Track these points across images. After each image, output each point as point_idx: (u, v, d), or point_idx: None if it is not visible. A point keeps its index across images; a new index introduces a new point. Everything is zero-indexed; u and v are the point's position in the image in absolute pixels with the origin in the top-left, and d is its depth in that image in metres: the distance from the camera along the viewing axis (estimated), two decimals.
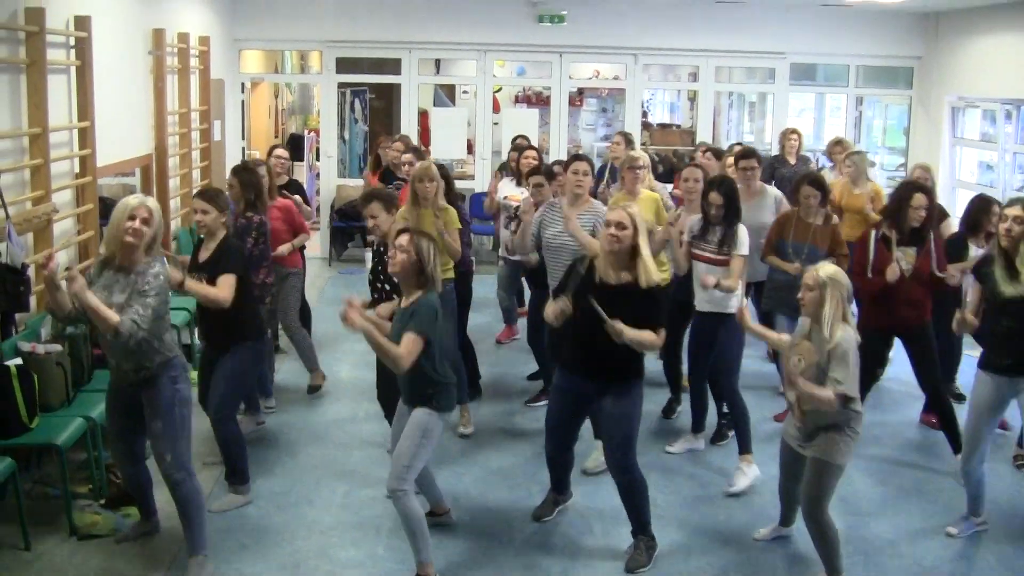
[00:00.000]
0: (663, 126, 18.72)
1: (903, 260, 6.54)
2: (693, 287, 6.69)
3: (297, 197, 8.23)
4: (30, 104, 6.66)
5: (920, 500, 6.32)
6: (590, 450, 6.54)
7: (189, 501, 5.16)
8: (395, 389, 5.41)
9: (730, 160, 8.75)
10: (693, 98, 16.82)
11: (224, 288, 5.78)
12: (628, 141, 10.19)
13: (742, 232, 6.60)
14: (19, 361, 5.72)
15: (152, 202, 5.02)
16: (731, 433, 6.98)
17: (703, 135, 14.00)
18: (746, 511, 6.09)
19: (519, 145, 9.78)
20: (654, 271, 5.22)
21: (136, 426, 5.21)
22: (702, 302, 6.62)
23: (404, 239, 5.09)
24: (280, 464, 6.59)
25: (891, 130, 15.76)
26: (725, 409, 7.03)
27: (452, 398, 5.34)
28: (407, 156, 8.61)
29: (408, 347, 4.95)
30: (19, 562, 5.21)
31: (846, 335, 4.91)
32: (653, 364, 8.54)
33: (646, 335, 5.10)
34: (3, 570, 5.12)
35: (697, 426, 6.99)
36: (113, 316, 4.76)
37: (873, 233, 6.70)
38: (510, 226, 8.33)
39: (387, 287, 6.16)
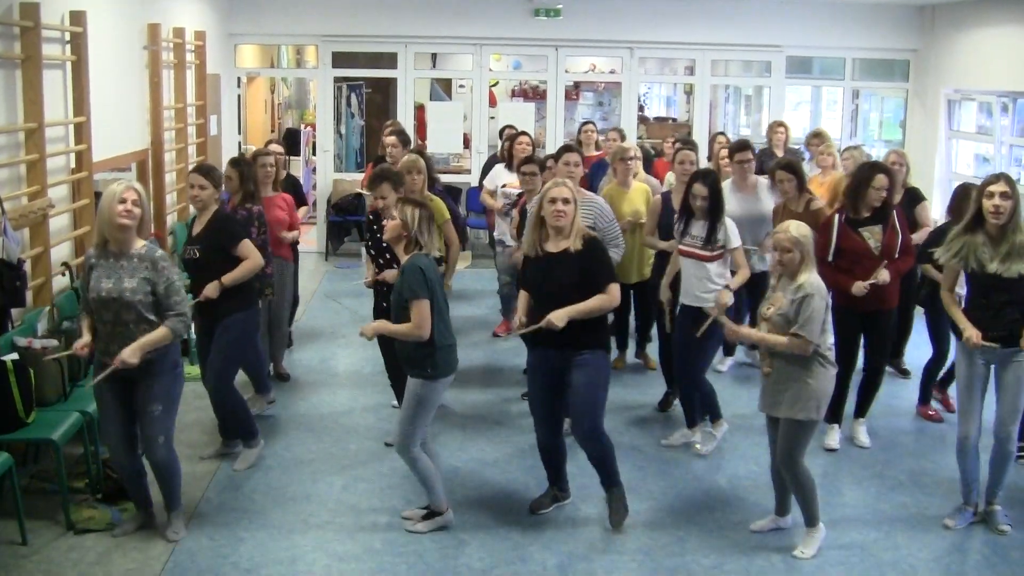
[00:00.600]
0: (659, 120, 18.73)
1: (872, 239, 6.58)
2: (681, 282, 6.72)
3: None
4: (26, 99, 6.66)
5: (916, 491, 6.32)
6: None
7: (175, 471, 5.51)
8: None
9: (722, 154, 8.77)
10: (689, 92, 16.82)
11: (251, 254, 6.21)
12: (622, 136, 10.29)
13: (731, 225, 6.65)
14: (15, 356, 5.72)
15: (137, 184, 5.28)
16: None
17: (699, 129, 14.01)
18: (742, 504, 6.10)
19: (510, 134, 9.79)
20: (579, 237, 5.44)
21: (132, 414, 5.34)
22: (688, 295, 6.64)
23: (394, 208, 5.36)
24: (277, 457, 6.59)
25: (887, 123, 15.75)
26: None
27: (450, 361, 5.51)
28: (390, 139, 8.63)
29: (416, 317, 5.24)
30: (16, 557, 5.22)
31: (810, 279, 5.23)
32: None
33: (591, 303, 5.36)
34: (1, 565, 5.13)
35: (690, 420, 7.00)
36: (162, 335, 5.14)
37: (837, 216, 6.72)
38: (511, 213, 8.32)
39: (387, 257, 6.47)
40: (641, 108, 17.48)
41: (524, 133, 9.47)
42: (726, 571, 5.33)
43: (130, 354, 5.03)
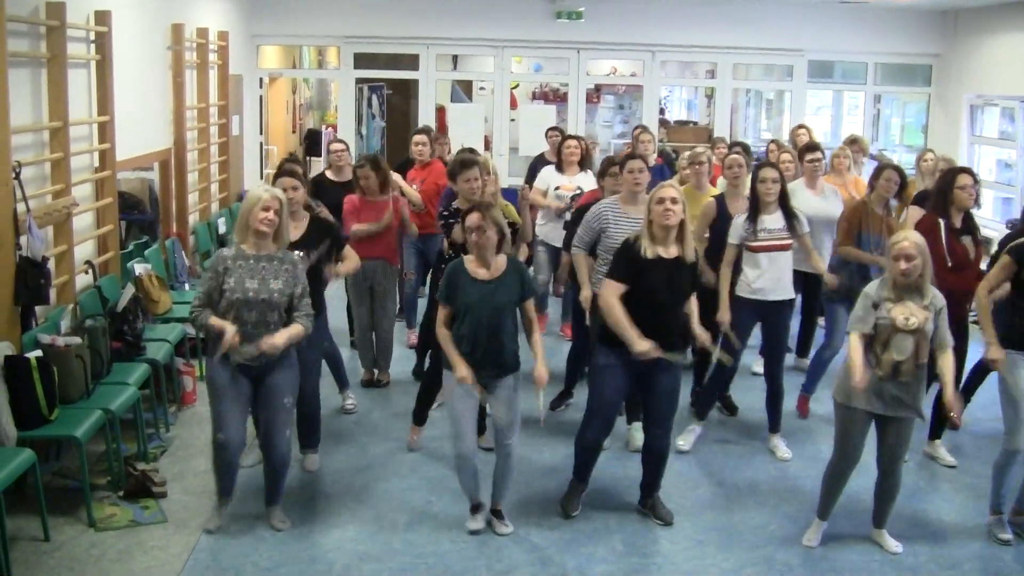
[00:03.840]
0: (680, 123, 18.71)
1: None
2: (758, 280, 6.69)
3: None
4: (51, 98, 6.70)
5: (935, 498, 6.29)
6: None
7: (288, 466, 5.72)
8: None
9: (783, 158, 8.81)
10: (710, 95, 16.81)
11: (351, 253, 6.46)
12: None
13: (802, 213, 6.85)
14: (39, 353, 5.76)
15: (281, 194, 5.47)
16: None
17: (720, 132, 13.98)
18: (762, 508, 6.08)
19: (555, 136, 9.84)
20: (693, 247, 5.64)
21: (248, 410, 5.61)
22: (777, 291, 6.68)
23: (476, 218, 5.39)
24: (297, 459, 6.55)
25: (909, 128, 15.71)
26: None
27: None
28: (418, 137, 9.04)
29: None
30: (39, 553, 5.25)
31: (934, 289, 5.33)
32: None
33: (695, 308, 5.83)
34: (23, 561, 5.16)
35: (704, 414, 7.08)
36: (300, 331, 5.44)
37: (942, 222, 6.55)
38: (564, 216, 8.33)
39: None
40: (662, 111, 17.46)
41: (574, 136, 9.41)
42: (745, 575, 5.33)
43: (278, 339, 5.32)
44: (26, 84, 6.45)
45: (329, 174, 8.67)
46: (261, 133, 13.82)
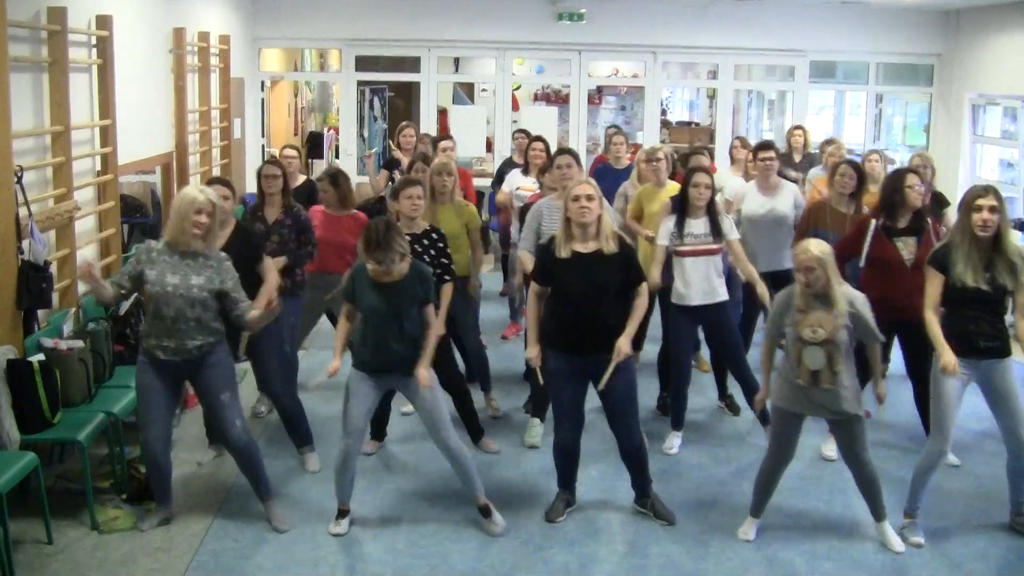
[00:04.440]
0: (682, 124, 18.72)
1: (905, 251, 6.49)
2: (684, 285, 6.68)
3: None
4: (52, 103, 6.70)
5: (933, 496, 6.29)
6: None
7: (257, 454, 5.69)
8: None
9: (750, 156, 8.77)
10: (712, 96, 16.81)
11: (270, 275, 6.22)
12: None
13: (728, 218, 6.82)
14: (42, 357, 5.76)
15: (214, 194, 5.44)
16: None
17: (722, 133, 14.00)
18: (765, 508, 6.07)
19: (522, 138, 9.93)
20: (613, 239, 5.51)
21: (172, 410, 5.61)
22: (699, 294, 6.64)
23: (377, 260, 5.34)
24: (299, 460, 6.59)
25: (911, 128, 15.70)
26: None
27: None
28: (445, 143, 8.90)
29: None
30: (42, 555, 5.27)
31: (845, 291, 5.31)
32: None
33: (640, 311, 5.59)
34: (26, 563, 5.17)
35: (677, 422, 7.03)
36: (255, 316, 5.42)
37: (873, 222, 6.61)
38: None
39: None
40: (664, 112, 17.47)
41: (539, 139, 9.40)
42: (749, 574, 5.33)
43: (258, 317, 5.43)
44: (28, 88, 6.46)
45: None
46: (263, 136, 13.83)
